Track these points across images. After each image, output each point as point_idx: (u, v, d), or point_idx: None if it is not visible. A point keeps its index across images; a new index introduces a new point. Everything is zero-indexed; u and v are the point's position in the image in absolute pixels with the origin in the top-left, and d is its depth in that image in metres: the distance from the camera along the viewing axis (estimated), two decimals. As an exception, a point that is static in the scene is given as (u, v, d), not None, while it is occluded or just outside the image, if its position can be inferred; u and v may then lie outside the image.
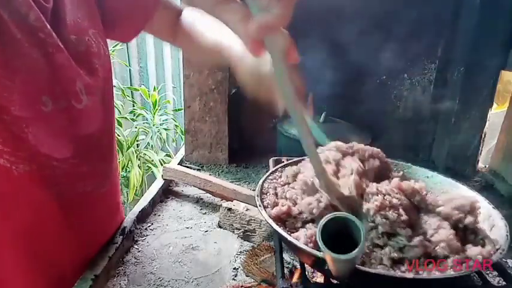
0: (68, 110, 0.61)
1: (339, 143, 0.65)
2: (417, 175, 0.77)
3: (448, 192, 0.71)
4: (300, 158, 0.77)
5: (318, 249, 0.46)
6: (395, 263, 0.51)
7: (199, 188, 1.03)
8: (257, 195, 0.65)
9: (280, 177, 0.73)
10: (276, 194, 0.67)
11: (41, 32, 0.55)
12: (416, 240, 0.51)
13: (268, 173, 0.72)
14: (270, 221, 0.57)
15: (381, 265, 0.51)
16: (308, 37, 1.18)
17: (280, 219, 0.60)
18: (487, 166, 1.26)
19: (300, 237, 0.54)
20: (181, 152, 1.29)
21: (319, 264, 0.51)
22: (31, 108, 0.56)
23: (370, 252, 0.52)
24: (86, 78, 0.64)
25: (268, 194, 0.68)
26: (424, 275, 0.49)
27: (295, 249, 0.56)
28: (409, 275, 0.49)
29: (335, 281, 0.57)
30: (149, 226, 0.90)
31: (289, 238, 0.53)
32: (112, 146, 0.77)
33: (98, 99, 0.68)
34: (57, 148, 0.61)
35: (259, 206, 0.60)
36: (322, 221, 0.42)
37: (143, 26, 0.77)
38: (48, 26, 0.56)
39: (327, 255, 0.40)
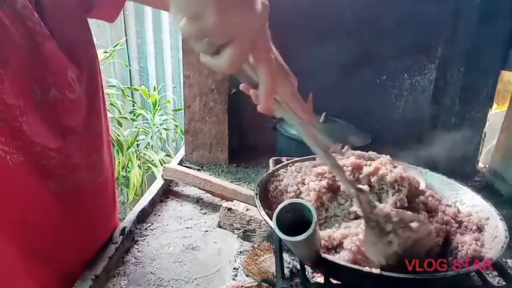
0: (61, 100, 0.60)
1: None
2: (435, 182, 0.76)
3: (465, 203, 0.70)
4: (300, 158, 0.77)
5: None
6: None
7: (199, 188, 1.03)
8: (256, 194, 0.65)
9: (279, 175, 0.73)
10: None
11: (29, 21, 0.54)
12: None
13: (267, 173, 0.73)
14: (267, 218, 0.58)
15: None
16: (308, 37, 1.19)
17: None
18: (487, 166, 1.26)
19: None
20: (181, 152, 1.29)
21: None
22: (23, 96, 0.55)
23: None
24: (74, 67, 0.63)
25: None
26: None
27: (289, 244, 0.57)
28: (376, 271, 0.48)
29: (335, 281, 0.57)
30: (149, 226, 0.90)
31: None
32: (102, 136, 0.75)
33: (82, 88, 0.66)
34: (51, 138, 0.61)
35: (258, 206, 0.61)
36: (278, 208, 0.45)
37: (124, 1, 0.75)
38: (36, 15, 0.55)
39: (281, 236, 0.44)
